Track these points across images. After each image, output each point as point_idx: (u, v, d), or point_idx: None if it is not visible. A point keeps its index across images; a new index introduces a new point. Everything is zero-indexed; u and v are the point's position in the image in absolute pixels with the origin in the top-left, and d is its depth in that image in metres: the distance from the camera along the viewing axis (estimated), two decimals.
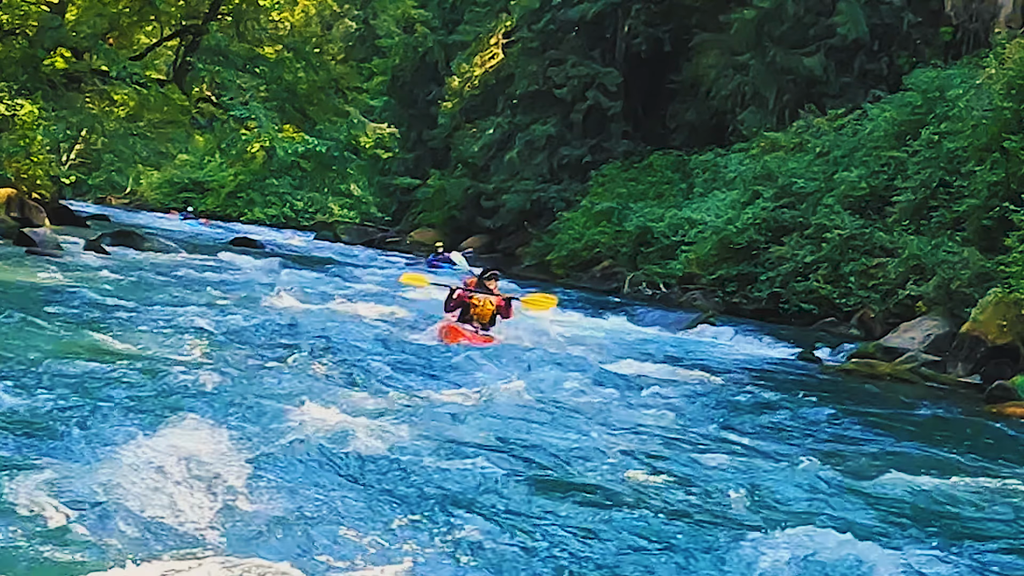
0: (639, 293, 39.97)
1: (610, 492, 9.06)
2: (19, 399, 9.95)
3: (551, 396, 13.49)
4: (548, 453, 10.13)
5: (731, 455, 10.86)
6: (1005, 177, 25.34)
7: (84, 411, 9.69)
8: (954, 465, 12.07)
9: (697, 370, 18.62)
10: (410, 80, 71.50)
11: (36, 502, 6.98)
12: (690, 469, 10.05)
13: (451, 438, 10.27)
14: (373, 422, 10.28)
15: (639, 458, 10.29)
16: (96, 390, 10.69)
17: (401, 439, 9.79)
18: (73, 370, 11.36)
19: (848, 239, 31.58)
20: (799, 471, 10.29)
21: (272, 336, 16.36)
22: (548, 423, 11.83)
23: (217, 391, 11.45)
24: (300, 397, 11.10)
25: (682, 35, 51.40)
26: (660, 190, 46.86)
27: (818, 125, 39.11)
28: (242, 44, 37.96)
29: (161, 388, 11.08)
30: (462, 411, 12.01)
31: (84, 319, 15.75)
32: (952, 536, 8.60)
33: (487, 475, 8.82)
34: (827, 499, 9.41)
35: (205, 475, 7.83)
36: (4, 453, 8.15)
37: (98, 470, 7.70)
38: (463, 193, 60.44)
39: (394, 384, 13.45)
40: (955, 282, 25.02)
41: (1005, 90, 26.38)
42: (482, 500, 8.34)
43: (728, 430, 12.67)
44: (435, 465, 9.00)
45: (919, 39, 40.71)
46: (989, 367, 21.36)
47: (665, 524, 8.17)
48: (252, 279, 28.26)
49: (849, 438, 13.28)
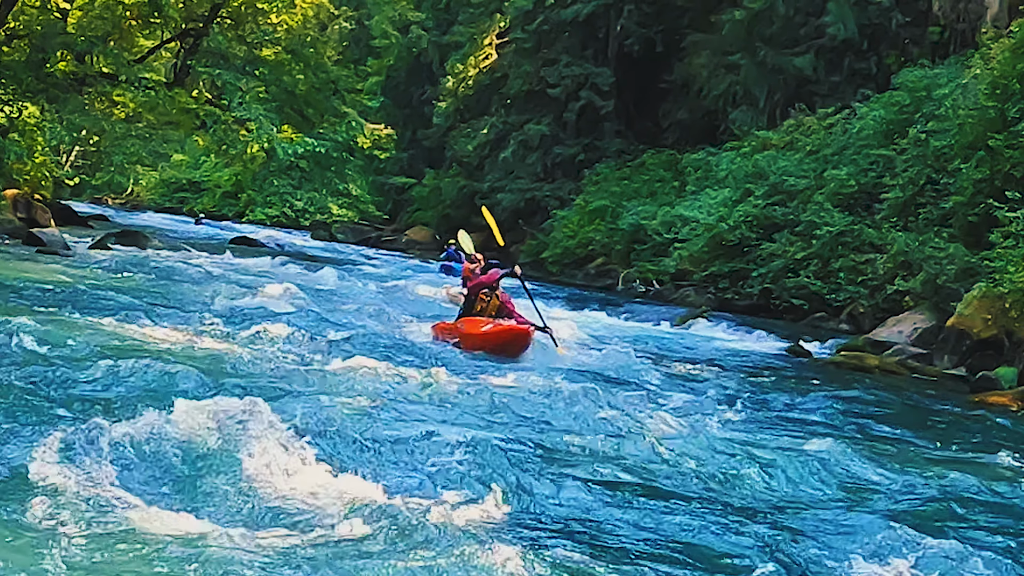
0: (633, 290, 40.18)
1: (604, 476, 9.42)
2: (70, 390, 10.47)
3: (547, 387, 13.67)
4: (541, 439, 10.49)
5: (719, 442, 11.16)
6: (990, 174, 25.64)
7: (127, 397, 10.26)
8: (937, 450, 12.67)
9: (689, 364, 19.04)
10: (405, 80, 71.64)
11: (60, 488, 7.26)
12: (680, 456, 10.34)
13: (450, 422, 10.77)
14: (389, 400, 10.82)
15: (633, 443, 10.66)
16: (129, 380, 11.10)
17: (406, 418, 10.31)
18: (99, 362, 11.63)
19: (838, 236, 31.91)
20: (786, 457, 10.63)
21: (289, 328, 16.50)
22: (544, 412, 12.24)
23: (246, 377, 12.03)
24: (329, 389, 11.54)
25: (674, 35, 51.75)
26: (653, 188, 47.10)
27: (808, 124, 39.31)
28: (241, 47, 38.32)
29: (195, 378, 11.41)
30: (457, 401, 12.39)
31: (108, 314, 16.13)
32: (934, 518, 8.99)
33: (481, 456, 9.17)
34: (813, 483, 9.88)
35: (218, 457, 8.23)
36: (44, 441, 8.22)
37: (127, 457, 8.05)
38: (458, 192, 60.71)
39: (406, 369, 13.80)
40: (941, 277, 25.36)
41: (990, 90, 26.69)
42: (481, 475, 8.78)
43: (717, 419, 13.00)
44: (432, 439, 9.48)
45: (907, 39, 40.75)
46: (974, 359, 21.81)
47: (651, 505, 8.60)
48: (255, 275, 28.77)
49: (835, 426, 13.72)
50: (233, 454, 8.27)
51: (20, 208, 34.60)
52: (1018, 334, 21.38)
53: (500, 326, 17.20)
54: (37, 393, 10.17)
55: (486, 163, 58.71)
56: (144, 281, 23.67)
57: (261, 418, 8.80)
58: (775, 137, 40.28)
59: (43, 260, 25.95)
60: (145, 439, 8.31)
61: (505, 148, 56.73)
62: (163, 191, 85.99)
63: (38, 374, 10.86)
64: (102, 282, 22.11)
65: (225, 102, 37.56)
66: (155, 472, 7.97)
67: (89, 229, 41.62)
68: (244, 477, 7.97)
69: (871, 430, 13.80)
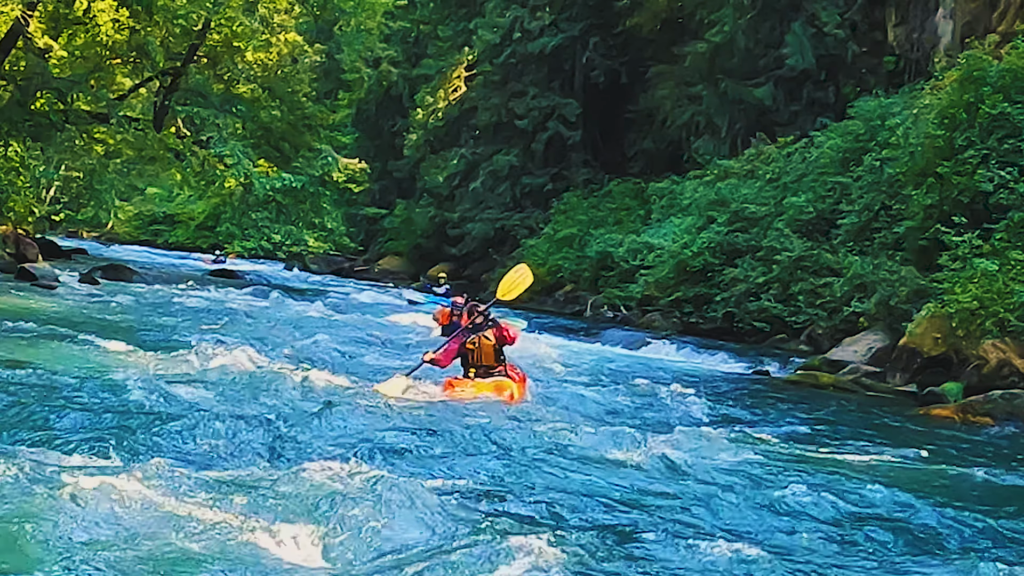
0: (601, 315, 40.53)
1: (561, 491, 9.80)
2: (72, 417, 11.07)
3: (517, 409, 14.33)
4: (500, 465, 10.67)
5: (672, 457, 11.50)
6: (939, 200, 26.29)
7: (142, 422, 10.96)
8: (881, 459, 13.57)
9: (652, 385, 19.25)
10: (375, 112, 71.84)
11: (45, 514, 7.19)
12: (636, 472, 10.88)
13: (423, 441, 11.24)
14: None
15: (593, 459, 11.23)
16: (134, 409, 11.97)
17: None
18: (98, 389, 12.58)
19: (797, 260, 32.30)
20: (735, 471, 11.37)
21: (270, 356, 17.45)
22: (513, 431, 12.43)
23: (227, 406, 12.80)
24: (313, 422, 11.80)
25: (638, 67, 52.68)
26: (619, 217, 47.48)
27: (768, 152, 39.71)
28: (219, 84, 39.07)
29: (187, 409, 12.12)
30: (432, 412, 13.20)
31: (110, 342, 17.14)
32: (870, 524, 9.55)
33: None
34: (764, 495, 10.26)
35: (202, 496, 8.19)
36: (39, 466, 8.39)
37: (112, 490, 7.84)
38: (429, 222, 61.01)
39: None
40: (894, 299, 26.18)
41: (938, 119, 27.34)
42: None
43: (673, 436, 13.23)
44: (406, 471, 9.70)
45: (864, 68, 41.28)
46: (924, 376, 22.79)
47: (605, 518, 9.02)
48: (236, 305, 29.70)
49: (784, 440, 14.44)
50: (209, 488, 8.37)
51: (9, 244, 35.23)
52: (964, 352, 22.32)
53: (479, 388, 15.50)
54: (63, 422, 10.75)
55: (456, 193, 59.06)
56: (138, 313, 24.67)
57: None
58: (737, 166, 40.67)
59: (39, 294, 26.71)
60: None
61: (475, 179, 57.28)
62: (138, 224, 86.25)
63: (55, 404, 11.50)
64: (99, 315, 23.13)
65: (204, 138, 38.35)
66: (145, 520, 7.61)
67: (72, 262, 42.16)
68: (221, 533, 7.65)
69: (818, 443, 14.57)
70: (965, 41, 30.88)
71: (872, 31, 41.77)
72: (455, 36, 63.92)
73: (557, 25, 54.40)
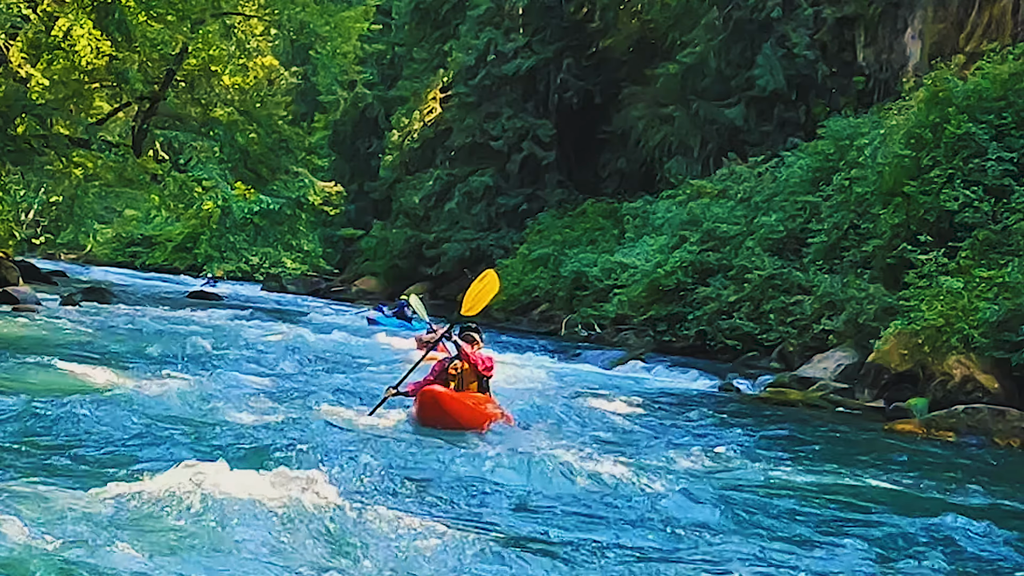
0: (576, 334, 40.67)
1: (532, 507, 10.09)
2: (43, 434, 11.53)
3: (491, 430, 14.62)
4: (472, 482, 10.87)
5: (642, 471, 11.89)
6: (906, 219, 26.69)
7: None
8: (846, 472, 13.99)
9: (625, 402, 19.75)
10: (351, 134, 72.30)
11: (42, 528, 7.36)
12: (611, 484, 11.14)
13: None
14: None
15: (566, 473, 11.39)
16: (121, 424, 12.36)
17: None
18: (84, 407, 12.77)
19: (768, 279, 32.49)
20: (703, 482, 11.77)
21: (257, 376, 17.92)
22: (485, 449, 12.69)
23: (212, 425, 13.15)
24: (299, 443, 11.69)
25: (611, 88, 53.32)
26: (593, 236, 47.79)
27: (740, 172, 39.82)
28: (196, 108, 39.40)
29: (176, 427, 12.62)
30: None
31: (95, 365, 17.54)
32: (836, 533, 9.98)
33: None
34: (729, 506, 10.55)
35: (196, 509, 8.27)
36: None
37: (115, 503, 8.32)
38: (405, 242, 61.15)
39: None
40: (862, 316, 26.43)
41: (905, 139, 27.77)
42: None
43: (643, 450, 13.95)
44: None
45: (834, 88, 41.76)
46: (892, 392, 23.13)
47: (574, 534, 9.14)
48: (217, 325, 30.15)
49: (753, 455, 14.80)
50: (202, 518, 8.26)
51: None
52: (931, 368, 22.65)
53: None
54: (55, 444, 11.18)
55: (432, 214, 59.31)
56: (119, 335, 24.92)
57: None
58: (709, 185, 40.82)
59: (21, 317, 26.95)
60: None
61: (450, 199, 57.56)
62: (115, 246, 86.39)
63: (45, 424, 11.93)
64: (81, 336, 23.56)
65: (182, 162, 38.68)
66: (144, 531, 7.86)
67: (52, 285, 42.50)
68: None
69: (783, 458, 14.91)
70: (933, 62, 31.10)
71: (842, 52, 42.20)
72: (430, 58, 64.26)
73: (531, 47, 55.08)
